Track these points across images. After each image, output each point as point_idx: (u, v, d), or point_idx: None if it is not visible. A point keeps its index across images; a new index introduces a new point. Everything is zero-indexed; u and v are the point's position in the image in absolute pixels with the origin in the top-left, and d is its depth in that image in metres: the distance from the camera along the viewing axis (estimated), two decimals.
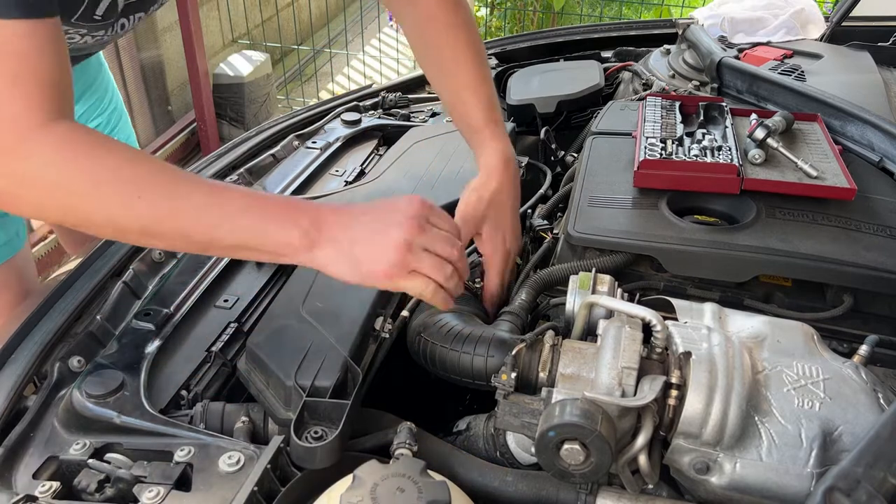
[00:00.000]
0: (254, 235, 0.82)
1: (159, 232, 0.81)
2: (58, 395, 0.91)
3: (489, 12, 4.54)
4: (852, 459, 0.63)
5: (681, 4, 4.04)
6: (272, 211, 0.83)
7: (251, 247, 0.83)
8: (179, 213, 0.80)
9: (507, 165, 1.07)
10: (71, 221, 0.82)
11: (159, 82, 3.86)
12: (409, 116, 1.67)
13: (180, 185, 0.81)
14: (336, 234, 0.83)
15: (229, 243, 0.83)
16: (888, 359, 0.96)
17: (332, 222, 0.83)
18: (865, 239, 1.02)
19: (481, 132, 1.09)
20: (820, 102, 1.33)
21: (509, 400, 0.79)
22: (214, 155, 1.46)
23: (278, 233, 0.82)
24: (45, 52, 0.78)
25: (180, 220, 0.81)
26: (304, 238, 0.82)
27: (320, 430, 0.80)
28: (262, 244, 0.83)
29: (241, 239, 0.82)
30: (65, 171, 0.78)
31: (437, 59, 1.12)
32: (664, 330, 0.77)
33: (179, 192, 0.80)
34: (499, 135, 1.09)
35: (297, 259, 0.84)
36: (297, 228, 0.82)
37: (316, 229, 0.82)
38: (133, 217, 0.79)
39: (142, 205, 0.79)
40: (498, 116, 1.10)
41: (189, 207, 0.80)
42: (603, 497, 0.77)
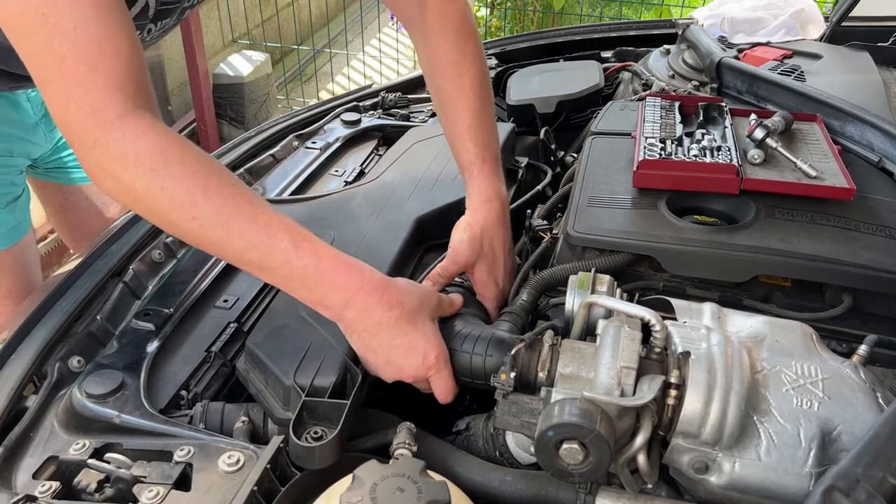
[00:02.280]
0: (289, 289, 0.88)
1: (208, 249, 0.86)
2: (58, 395, 0.91)
3: (489, 12, 4.54)
4: (851, 459, 0.63)
5: (681, 4, 4.04)
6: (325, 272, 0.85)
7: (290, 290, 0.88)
8: (226, 245, 0.83)
9: (490, 203, 1.06)
10: (141, 213, 0.85)
11: (159, 82, 3.86)
12: (409, 116, 1.67)
13: (233, 215, 0.82)
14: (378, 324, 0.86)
15: (271, 280, 0.90)
16: (887, 359, 0.96)
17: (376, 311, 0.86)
18: (864, 239, 1.02)
19: (469, 169, 1.09)
20: (819, 102, 1.33)
21: (508, 400, 0.79)
22: (214, 155, 1.46)
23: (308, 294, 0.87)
24: (116, 35, 0.77)
25: (227, 250, 0.84)
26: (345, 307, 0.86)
27: (319, 430, 0.80)
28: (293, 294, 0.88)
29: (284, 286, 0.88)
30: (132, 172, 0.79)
31: (440, 96, 1.12)
32: (663, 330, 0.77)
33: (230, 226, 0.82)
34: (486, 172, 1.08)
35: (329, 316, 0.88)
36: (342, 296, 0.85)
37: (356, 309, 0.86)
38: (186, 233, 0.83)
39: (194, 225, 0.81)
40: (490, 155, 1.09)
41: (235, 244, 0.83)
42: (602, 497, 0.77)
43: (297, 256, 0.83)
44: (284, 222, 0.84)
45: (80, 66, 0.75)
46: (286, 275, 0.84)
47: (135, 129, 0.78)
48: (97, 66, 0.76)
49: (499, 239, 1.06)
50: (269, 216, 0.84)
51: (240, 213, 0.82)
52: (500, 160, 1.11)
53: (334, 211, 1.22)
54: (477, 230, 1.04)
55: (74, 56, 0.75)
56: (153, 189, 0.79)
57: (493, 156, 1.10)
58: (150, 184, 0.79)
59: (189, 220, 0.80)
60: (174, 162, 0.80)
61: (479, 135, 1.09)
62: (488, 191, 1.07)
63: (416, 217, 1.17)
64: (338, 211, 1.22)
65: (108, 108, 0.77)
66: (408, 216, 1.17)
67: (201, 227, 0.81)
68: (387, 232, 1.13)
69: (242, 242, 0.82)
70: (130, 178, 0.79)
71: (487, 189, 1.07)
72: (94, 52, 0.76)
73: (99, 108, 0.77)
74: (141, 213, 0.85)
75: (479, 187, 1.07)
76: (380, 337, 0.86)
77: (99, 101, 0.77)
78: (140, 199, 0.81)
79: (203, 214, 0.80)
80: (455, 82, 1.08)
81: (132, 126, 0.78)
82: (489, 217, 1.05)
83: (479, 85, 1.10)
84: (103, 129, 0.77)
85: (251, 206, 0.83)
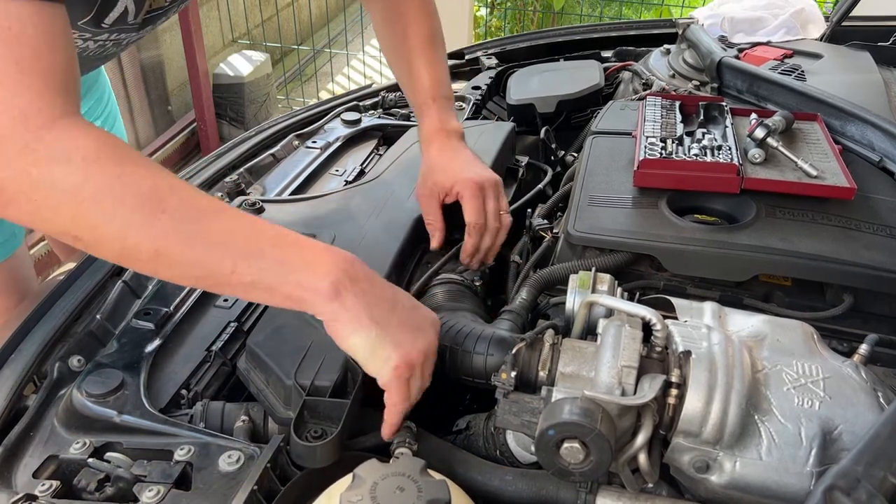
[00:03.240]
0: (277, 275, 0.75)
1: (173, 256, 0.73)
2: (58, 395, 0.91)
3: (489, 12, 4.54)
4: (852, 458, 0.63)
5: (681, 4, 4.04)
6: (304, 249, 0.77)
7: (271, 285, 0.76)
8: (203, 237, 0.73)
9: (438, 132, 1.14)
10: (74, 232, 0.72)
11: (159, 82, 3.86)
12: (409, 116, 1.67)
13: (208, 205, 0.75)
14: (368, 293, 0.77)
15: (248, 279, 0.75)
16: (888, 358, 0.96)
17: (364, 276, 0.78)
18: (865, 238, 1.02)
19: (421, 108, 1.17)
20: (820, 102, 1.33)
21: (509, 399, 0.79)
22: (214, 155, 1.46)
23: (304, 276, 0.75)
24: (54, 40, 0.72)
25: (202, 245, 0.73)
26: (333, 288, 0.75)
27: (320, 430, 0.80)
28: (282, 284, 0.76)
29: (263, 277, 0.75)
30: (81, 172, 0.70)
31: (396, 51, 1.20)
32: (664, 329, 0.77)
33: (207, 213, 0.74)
34: (438, 108, 1.15)
35: (317, 308, 0.76)
36: (328, 276, 0.75)
37: (348, 278, 0.76)
38: (150, 234, 0.72)
39: (164, 220, 0.71)
40: (441, 94, 1.17)
41: (215, 230, 0.74)
42: (603, 496, 0.77)
43: (285, 235, 0.78)
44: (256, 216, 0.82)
45: (10, 68, 0.69)
46: (278, 255, 0.75)
47: (75, 129, 0.71)
48: (31, 68, 0.69)
49: (443, 158, 1.13)
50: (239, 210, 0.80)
51: (213, 204, 0.76)
52: (452, 100, 1.20)
53: (334, 211, 1.22)
54: (429, 161, 1.13)
55: (5, 56, 0.69)
56: (110, 186, 0.70)
57: (444, 95, 1.18)
58: (106, 181, 0.70)
59: (157, 215, 0.71)
60: (128, 160, 0.73)
61: (432, 78, 1.17)
62: (436, 125, 1.15)
63: (416, 217, 1.17)
64: (338, 211, 1.21)
65: (41, 112, 0.70)
66: (408, 216, 1.17)
67: (171, 221, 0.72)
68: (387, 232, 1.13)
69: (224, 224, 0.74)
70: (78, 180, 0.70)
71: (435, 123, 1.15)
72: (28, 55, 0.69)
73: (30, 112, 0.69)
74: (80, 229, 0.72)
75: (429, 124, 1.15)
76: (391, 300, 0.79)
77: (31, 103, 0.69)
78: (86, 203, 0.70)
79: (174, 206, 0.72)
80: (411, 34, 1.18)
81: (72, 127, 0.71)
82: (438, 145, 1.13)
83: (433, 36, 1.20)
84: (36, 133, 0.69)
85: (219, 202, 0.79)
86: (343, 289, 0.75)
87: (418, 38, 1.17)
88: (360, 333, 0.76)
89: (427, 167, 1.14)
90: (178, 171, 1.25)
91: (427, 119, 1.16)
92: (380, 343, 0.77)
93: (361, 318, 0.76)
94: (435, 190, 1.11)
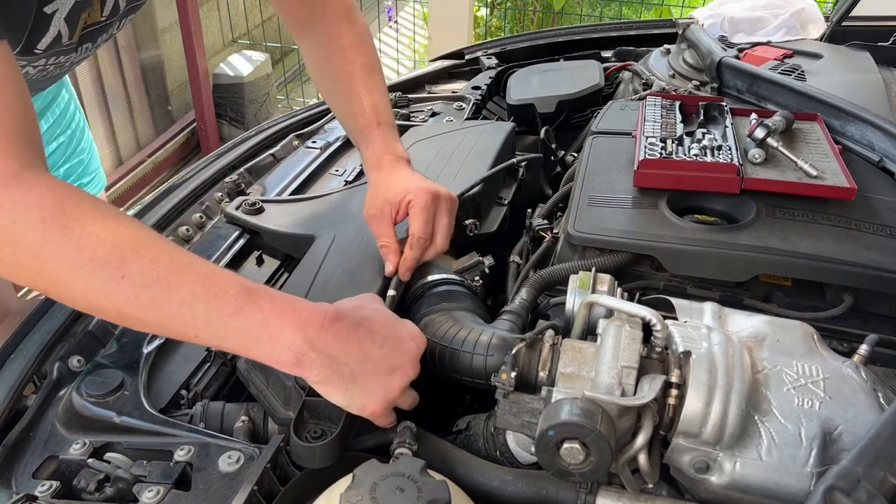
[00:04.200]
0: (240, 344, 0.75)
1: (137, 318, 0.73)
2: (58, 395, 0.91)
3: (489, 12, 4.54)
4: (852, 459, 0.63)
5: (681, 4, 4.04)
6: (268, 318, 0.74)
7: (237, 352, 0.78)
8: (163, 303, 0.72)
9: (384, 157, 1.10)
10: (42, 288, 0.73)
11: (159, 82, 3.86)
12: (409, 116, 1.67)
13: (170, 268, 0.72)
14: (336, 357, 0.76)
15: (213, 344, 0.78)
16: (888, 358, 0.96)
17: (328, 342, 0.76)
18: (865, 238, 1.02)
19: (364, 133, 1.13)
20: (820, 102, 1.32)
21: (509, 399, 0.79)
22: (214, 155, 1.46)
23: (266, 347, 0.75)
24: (7, 82, 0.69)
25: (163, 310, 0.72)
26: (295, 359, 0.75)
27: (320, 430, 0.80)
28: (246, 353, 0.77)
29: (226, 345, 0.76)
30: (40, 234, 0.68)
31: (335, 76, 1.16)
32: (664, 329, 0.77)
33: (167, 279, 0.71)
34: (382, 134, 1.12)
35: (285, 371, 0.77)
36: (290, 350, 0.74)
37: (312, 349, 0.75)
38: (111, 298, 0.71)
39: (124, 286, 0.70)
40: (385, 120, 1.13)
41: (175, 299, 0.72)
42: (603, 496, 0.77)
43: (251, 301, 0.74)
44: (226, 271, 0.77)
45: None
46: (240, 326, 0.73)
47: (36, 185, 0.69)
48: None
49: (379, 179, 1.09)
50: (209, 265, 0.76)
51: (177, 264, 0.73)
52: (395, 127, 1.16)
53: (334, 211, 1.22)
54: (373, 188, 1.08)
55: None
56: (67, 249, 0.69)
57: (388, 121, 1.14)
58: (63, 243, 0.69)
59: (117, 281, 0.70)
60: (89, 218, 0.70)
61: (372, 103, 1.13)
62: (380, 149, 1.10)
63: None
64: (338, 211, 1.21)
65: (0, 169, 0.68)
66: None
67: (132, 287, 0.70)
68: None
69: (184, 295, 0.72)
70: (37, 240, 0.68)
71: (380, 147, 1.11)
72: None
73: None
74: (46, 285, 0.72)
75: (373, 149, 1.11)
76: (362, 363, 0.78)
77: None
78: (48, 264, 0.69)
79: (134, 271, 0.70)
80: (350, 60, 1.14)
81: (33, 183, 0.69)
82: (389, 169, 1.08)
83: (372, 64, 1.16)
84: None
85: (187, 256, 0.75)
86: (306, 359, 0.75)
87: (357, 66, 1.14)
88: (332, 391, 0.78)
89: (373, 190, 1.08)
90: (178, 171, 1.25)
91: (372, 144, 1.11)
92: (353, 396, 0.78)
93: (331, 379, 0.77)
94: (385, 209, 1.04)
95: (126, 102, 3.60)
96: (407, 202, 1.03)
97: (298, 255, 1.13)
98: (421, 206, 1.02)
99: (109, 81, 3.44)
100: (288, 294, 0.79)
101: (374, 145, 1.11)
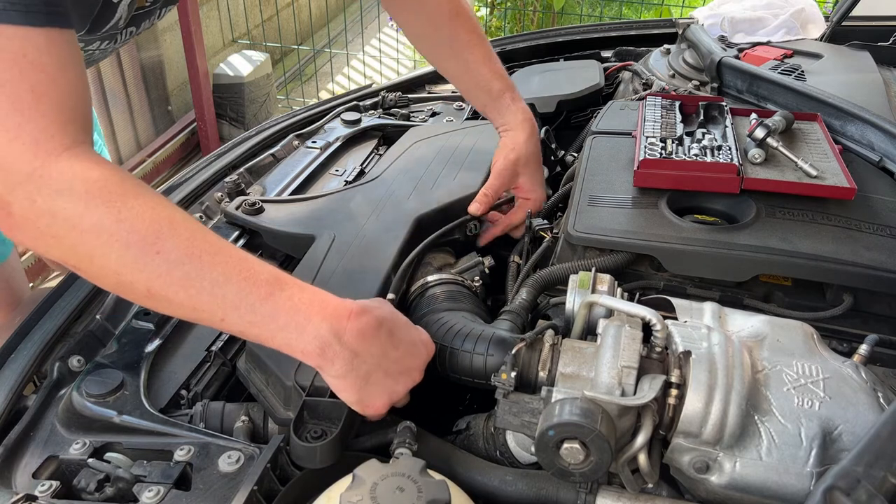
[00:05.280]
0: (266, 330, 0.76)
1: (166, 297, 0.74)
2: (58, 395, 0.91)
3: (489, 12, 4.54)
4: (852, 458, 0.63)
5: (681, 4, 4.04)
6: (297, 306, 0.76)
7: (259, 337, 0.78)
8: (195, 282, 0.73)
9: (531, 122, 1.25)
10: (73, 262, 0.74)
11: (159, 82, 3.86)
12: (409, 116, 1.67)
13: (204, 248, 0.74)
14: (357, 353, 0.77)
15: (238, 329, 0.77)
16: (888, 358, 0.96)
17: (353, 336, 0.77)
18: (865, 238, 1.02)
19: (500, 98, 1.25)
20: (820, 102, 1.33)
21: (509, 399, 0.79)
22: (214, 155, 1.46)
23: (293, 335, 0.76)
24: (68, 67, 0.72)
25: (194, 289, 0.73)
26: (320, 350, 0.76)
27: (320, 430, 0.80)
28: (271, 339, 0.77)
29: (252, 331, 0.77)
30: (82, 205, 0.70)
31: (451, 46, 1.25)
32: (664, 329, 0.77)
33: (202, 258, 0.73)
34: (518, 98, 1.26)
35: (305, 361, 0.78)
36: (316, 339, 0.76)
37: (338, 341, 0.76)
38: (143, 274, 0.72)
39: (157, 261, 0.71)
40: (513, 86, 1.27)
41: (208, 278, 0.73)
42: (603, 496, 0.77)
43: (280, 288, 0.76)
44: (256, 258, 0.78)
45: (26, 94, 0.69)
46: (269, 311, 0.75)
47: (84, 160, 0.72)
48: (46, 95, 0.70)
49: (536, 152, 1.25)
50: (241, 251, 0.77)
51: (211, 245, 0.74)
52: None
53: (334, 211, 1.22)
54: (521, 149, 1.22)
55: (19, 82, 0.69)
56: (107, 221, 0.71)
57: (514, 86, 1.28)
58: (105, 216, 0.71)
59: (152, 256, 0.71)
60: (132, 195, 0.72)
61: (500, 70, 1.27)
62: (525, 112, 1.25)
63: (416, 216, 1.17)
64: (338, 211, 1.21)
65: (53, 139, 0.70)
66: (408, 216, 1.17)
67: (166, 263, 0.72)
68: (386, 231, 1.13)
69: (217, 275, 0.73)
70: (78, 211, 0.70)
71: (523, 110, 1.25)
72: (44, 82, 0.70)
73: (42, 138, 0.70)
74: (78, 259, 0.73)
75: (514, 110, 1.25)
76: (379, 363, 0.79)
77: (43, 130, 0.70)
78: (86, 235, 0.71)
79: (170, 247, 0.72)
80: (466, 28, 1.25)
81: (81, 158, 0.72)
82: (531, 134, 1.24)
83: (482, 32, 1.28)
84: (45, 160, 0.70)
85: (221, 240, 0.76)
86: (330, 351, 0.76)
87: (471, 35, 1.24)
88: (345, 386, 0.79)
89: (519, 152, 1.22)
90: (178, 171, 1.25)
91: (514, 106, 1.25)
92: (363, 395, 0.79)
93: (347, 376, 0.78)
94: (512, 179, 1.23)
95: (126, 102, 3.60)
96: (525, 197, 1.25)
97: (298, 255, 1.13)
98: (519, 216, 1.24)
99: (109, 81, 3.44)
100: (315, 287, 0.80)
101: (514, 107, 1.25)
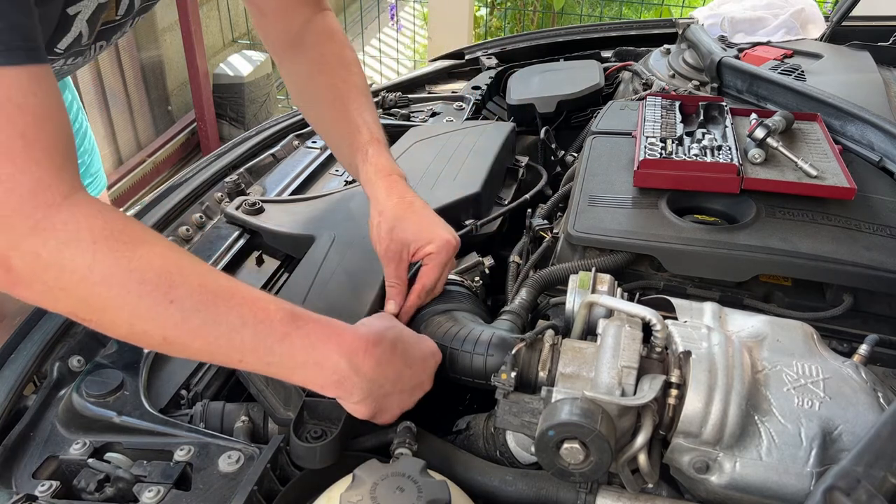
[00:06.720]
0: (285, 369, 0.76)
1: (182, 344, 0.73)
2: (58, 395, 0.91)
3: (489, 12, 4.54)
4: (852, 459, 0.63)
5: (681, 4, 4.05)
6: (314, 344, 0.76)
7: (280, 376, 0.79)
8: (212, 328, 0.72)
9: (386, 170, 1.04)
10: (83, 315, 0.71)
11: (159, 82, 3.86)
12: (409, 116, 1.67)
13: (218, 293, 0.73)
14: (374, 381, 0.79)
15: (256, 369, 0.77)
16: (888, 358, 0.96)
17: (371, 367, 0.78)
18: (865, 238, 1.02)
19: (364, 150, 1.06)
20: (820, 102, 1.33)
21: (509, 399, 0.79)
22: (214, 155, 1.46)
23: (311, 372, 0.77)
24: (52, 106, 0.69)
25: (211, 335, 0.72)
26: (338, 383, 0.77)
27: (320, 430, 0.80)
28: (290, 377, 0.78)
29: (270, 370, 0.77)
30: (90, 255, 0.67)
31: (329, 93, 1.12)
32: (664, 329, 0.77)
33: (216, 304, 0.72)
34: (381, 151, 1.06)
35: (325, 394, 0.79)
36: (334, 374, 0.77)
37: (356, 374, 0.77)
38: (158, 322, 0.70)
39: (172, 310, 0.70)
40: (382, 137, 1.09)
41: (224, 323, 0.72)
42: (603, 496, 0.77)
43: (296, 326, 0.75)
44: (267, 294, 0.78)
45: (16, 142, 0.65)
46: (286, 351, 0.75)
47: (86, 207, 0.68)
48: (36, 140, 0.66)
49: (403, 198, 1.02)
50: (251, 289, 0.76)
51: (224, 290, 0.73)
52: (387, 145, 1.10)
53: (334, 211, 1.22)
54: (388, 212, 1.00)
55: (7, 129, 0.65)
56: (118, 271, 0.68)
57: (384, 139, 1.09)
58: (114, 266, 0.68)
59: (165, 305, 0.69)
60: (139, 242, 0.70)
61: (371, 121, 1.09)
62: (387, 166, 1.05)
63: None
64: (338, 211, 1.21)
65: (51, 188, 0.66)
66: None
67: (180, 311, 0.70)
68: None
69: (233, 320, 0.72)
70: (87, 263, 0.67)
71: (386, 165, 1.05)
72: (32, 126, 0.66)
73: (39, 188, 0.66)
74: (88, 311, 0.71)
75: (376, 165, 1.05)
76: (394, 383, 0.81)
77: (39, 181, 0.66)
78: (97, 287, 0.68)
79: (182, 295, 0.70)
80: (345, 79, 1.12)
81: (81, 205, 0.68)
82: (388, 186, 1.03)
83: (364, 84, 1.14)
84: (46, 212, 0.66)
85: (230, 281, 0.75)
86: (349, 383, 0.77)
87: (351, 86, 1.11)
88: (361, 408, 0.80)
89: (386, 217, 1.00)
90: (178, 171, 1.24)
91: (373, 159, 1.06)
92: (378, 412, 0.81)
93: (366, 401, 0.79)
94: (403, 253, 1.00)
95: (126, 102, 3.60)
96: (427, 253, 0.99)
97: (298, 255, 1.13)
98: (440, 262, 0.99)
99: (109, 81, 3.44)
100: (328, 318, 0.80)
101: (376, 160, 1.06)
